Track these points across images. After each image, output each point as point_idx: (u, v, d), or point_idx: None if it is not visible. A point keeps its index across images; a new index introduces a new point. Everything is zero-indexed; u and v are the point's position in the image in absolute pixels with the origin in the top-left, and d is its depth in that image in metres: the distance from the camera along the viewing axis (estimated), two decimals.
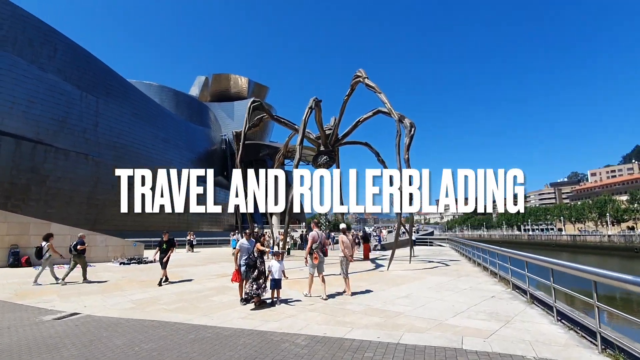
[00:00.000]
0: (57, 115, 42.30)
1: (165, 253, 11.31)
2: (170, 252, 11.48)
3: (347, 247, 9.12)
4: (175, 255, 25.44)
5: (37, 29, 43.54)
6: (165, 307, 8.33)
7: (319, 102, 14.48)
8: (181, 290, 10.52)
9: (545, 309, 6.77)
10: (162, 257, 11.25)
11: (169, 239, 11.60)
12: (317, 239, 9.18)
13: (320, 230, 10.06)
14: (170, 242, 11.59)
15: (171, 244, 11.60)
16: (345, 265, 9.15)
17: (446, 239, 39.34)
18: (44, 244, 12.40)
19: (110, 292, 10.55)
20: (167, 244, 11.44)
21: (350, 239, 9.56)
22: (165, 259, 11.28)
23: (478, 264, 14.39)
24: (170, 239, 11.69)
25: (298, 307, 7.51)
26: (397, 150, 14.06)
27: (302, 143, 13.04)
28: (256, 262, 7.87)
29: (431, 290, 9.23)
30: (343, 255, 9.17)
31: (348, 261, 9.14)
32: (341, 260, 9.29)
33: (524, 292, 8.17)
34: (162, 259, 11.25)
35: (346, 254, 9.09)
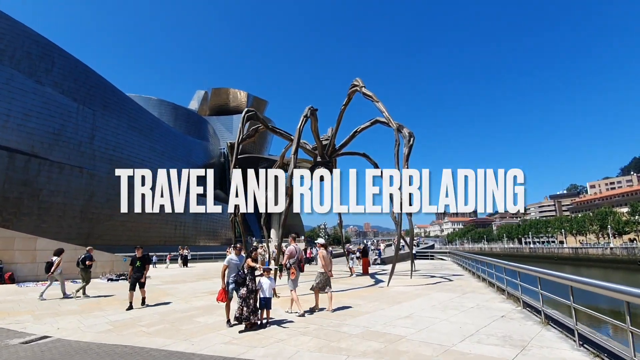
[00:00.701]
0: (53, 128, 41.97)
1: (141, 272, 10.03)
2: (146, 270, 10.21)
3: (327, 262, 8.92)
4: (167, 272, 24.79)
5: (36, 43, 43.75)
6: (144, 329, 7.60)
7: (314, 110, 14.04)
8: (166, 309, 9.78)
9: (564, 331, 6.08)
10: (138, 277, 9.92)
11: (144, 255, 10.32)
12: (295, 253, 8.93)
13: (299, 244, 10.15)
14: (145, 259, 10.31)
15: (146, 261, 10.32)
16: (324, 280, 8.90)
17: (447, 252, 38.49)
18: (55, 258, 12.45)
19: (89, 311, 9.81)
20: (142, 260, 10.11)
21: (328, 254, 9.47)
22: (143, 279, 10.07)
23: (483, 279, 13.65)
24: (145, 255, 10.45)
25: (289, 330, 6.79)
26: (395, 160, 13.54)
27: (297, 153, 12.52)
28: (245, 279, 7.19)
29: (435, 309, 8.51)
30: (323, 270, 8.91)
31: (328, 277, 8.92)
32: (318, 274, 9.03)
33: (537, 311, 7.47)
34: (138, 279, 9.93)
35: (326, 269, 8.87)
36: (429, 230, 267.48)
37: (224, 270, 7.56)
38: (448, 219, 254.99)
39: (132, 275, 9.94)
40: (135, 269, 9.97)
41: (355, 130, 17.59)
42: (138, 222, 52.41)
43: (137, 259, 10.03)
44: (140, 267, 10.01)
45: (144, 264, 10.18)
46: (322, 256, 9.09)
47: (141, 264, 10.05)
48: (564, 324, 6.36)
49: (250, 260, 7.34)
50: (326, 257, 9.03)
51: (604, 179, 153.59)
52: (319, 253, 9.29)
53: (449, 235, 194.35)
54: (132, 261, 10.12)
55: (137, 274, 9.95)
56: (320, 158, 17.40)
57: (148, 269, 10.51)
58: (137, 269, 9.97)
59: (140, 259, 10.08)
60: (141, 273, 10.00)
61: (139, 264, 9.98)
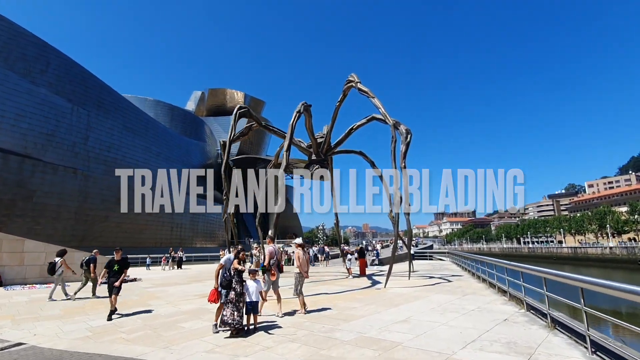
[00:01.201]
0: (46, 129, 41.38)
1: (117, 276, 8.96)
2: (123, 274, 9.10)
3: (302, 263, 8.74)
4: (160, 274, 24.21)
5: (31, 44, 43.21)
6: (124, 336, 7.14)
7: (308, 106, 13.58)
8: (151, 314, 9.31)
9: (573, 336, 5.64)
10: (112, 281, 8.87)
11: (122, 258, 9.33)
12: (274, 254, 8.74)
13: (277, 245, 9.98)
14: (124, 262, 9.24)
15: (125, 265, 9.23)
16: (300, 281, 8.74)
17: (446, 252, 38.07)
18: (58, 259, 12.32)
19: (71, 316, 9.34)
20: (120, 264, 9.12)
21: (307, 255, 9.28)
22: (118, 283, 8.93)
23: (483, 280, 13.21)
24: (124, 258, 9.43)
25: (277, 337, 6.33)
26: (392, 157, 13.09)
27: (289, 150, 12.04)
28: (231, 282, 6.73)
29: (434, 313, 8.05)
30: (299, 271, 8.75)
31: (303, 277, 8.75)
32: (296, 276, 8.85)
33: (542, 314, 7.04)
34: (113, 283, 8.86)
35: (302, 270, 8.67)
36: (428, 231, 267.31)
37: (219, 270, 7.08)
38: (447, 219, 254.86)
39: (110, 279, 8.98)
40: (111, 273, 9.00)
41: (351, 128, 17.15)
42: (134, 223, 51.81)
43: (115, 262, 9.06)
44: (117, 271, 8.98)
45: (122, 269, 9.14)
46: (298, 257, 8.81)
47: (119, 268, 9.04)
48: (572, 329, 5.92)
49: (236, 262, 6.88)
50: (302, 258, 8.77)
51: (602, 179, 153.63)
52: (295, 253, 8.99)
53: (447, 236, 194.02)
54: (108, 264, 9.16)
55: (113, 278, 8.92)
56: (315, 156, 16.95)
57: (126, 274, 9.43)
58: (113, 273, 8.98)
59: (118, 262, 9.12)
60: (116, 278, 8.95)
61: (116, 268, 8.96)
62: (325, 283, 15.64)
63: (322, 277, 18.58)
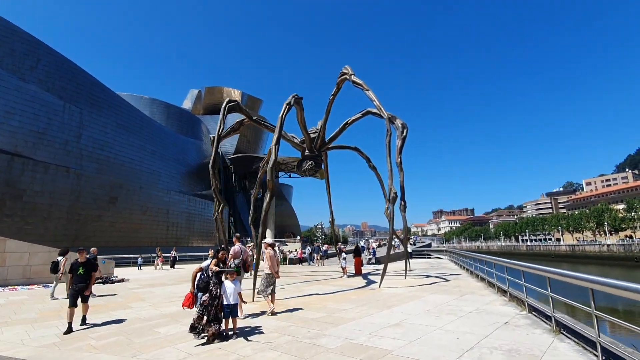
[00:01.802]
0: (37, 126, 40.58)
1: (84, 281, 7.63)
2: (91, 280, 7.85)
3: (273, 263, 8.55)
4: (150, 274, 23.50)
5: (21, 40, 42.35)
6: (93, 342, 6.56)
7: (299, 99, 12.99)
8: (129, 317, 8.72)
9: (581, 342, 5.12)
10: (81, 288, 7.54)
11: (88, 260, 7.93)
12: (240, 254, 8.57)
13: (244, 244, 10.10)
14: (90, 265, 7.82)
15: (91, 268, 7.83)
16: (269, 281, 8.50)
17: (444, 250, 37.61)
18: (61, 258, 12.24)
19: (44, 320, 8.74)
20: (85, 267, 7.68)
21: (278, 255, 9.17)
22: (88, 292, 7.74)
23: (482, 279, 12.70)
24: (90, 259, 8.03)
25: (257, 344, 5.77)
26: (387, 152, 12.54)
27: (278, 143, 11.46)
28: (208, 284, 6.17)
29: (429, 315, 7.52)
30: (269, 271, 8.51)
31: (274, 278, 8.52)
32: (264, 276, 8.63)
33: (545, 316, 6.53)
34: (81, 291, 7.54)
35: (272, 270, 8.46)
36: (426, 229, 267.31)
37: (197, 273, 6.49)
38: (445, 218, 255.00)
39: (72, 286, 7.56)
40: (75, 278, 7.58)
41: (346, 122, 16.59)
42: (128, 222, 51.11)
43: (79, 264, 7.65)
44: (83, 275, 7.64)
45: (89, 272, 7.80)
46: (269, 256, 8.57)
47: (85, 271, 7.66)
48: (579, 333, 5.39)
49: (214, 262, 6.32)
50: (272, 258, 8.56)
51: (600, 176, 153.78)
52: (265, 253, 8.74)
53: (446, 234, 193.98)
54: (71, 268, 7.72)
55: (79, 284, 7.52)
56: (309, 152, 16.37)
57: (94, 279, 8.13)
58: (78, 278, 7.57)
59: (83, 264, 7.71)
60: (85, 283, 7.64)
61: (81, 272, 7.58)
62: (318, 283, 15.12)
63: (317, 276, 18.06)
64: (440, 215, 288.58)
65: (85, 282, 7.66)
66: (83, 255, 7.92)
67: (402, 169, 13.23)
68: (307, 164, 16.13)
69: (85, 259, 7.85)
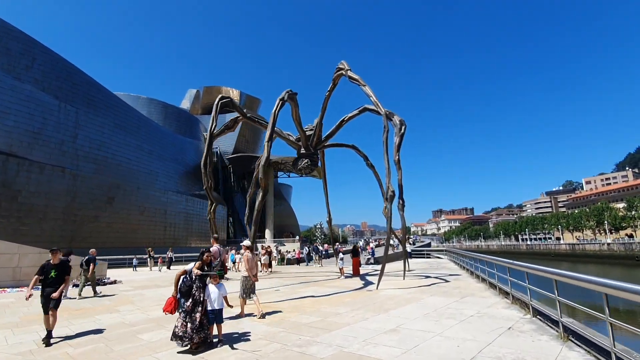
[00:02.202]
0: (32, 126, 40.10)
1: (55, 286, 6.66)
2: (64, 284, 6.80)
3: (251, 266, 8.37)
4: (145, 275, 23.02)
5: (16, 39, 41.85)
6: (71, 350, 6.16)
7: (293, 94, 12.58)
8: (113, 322, 8.33)
9: (592, 350, 4.72)
10: (49, 292, 6.56)
11: (62, 262, 6.95)
12: (217, 256, 8.42)
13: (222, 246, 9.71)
14: (63, 268, 6.89)
15: (65, 270, 6.89)
16: (247, 284, 8.36)
17: (444, 250, 37.21)
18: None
19: (26, 325, 8.35)
20: (58, 269, 6.77)
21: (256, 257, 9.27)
22: (57, 294, 6.60)
23: (483, 280, 12.31)
24: (64, 261, 7.00)
25: (242, 352, 5.36)
26: (384, 149, 12.15)
27: (271, 139, 11.07)
28: (191, 288, 5.76)
29: (428, 319, 7.11)
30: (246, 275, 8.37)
31: (252, 281, 8.37)
32: (242, 279, 8.49)
33: (552, 320, 6.13)
34: (50, 295, 6.54)
35: (250, 273, 8.31)
36: (426, 229, 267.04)
37: (180, 276, 6.04)
38: (445, 217, 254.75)
39: (44, 291, 6.65)
40: (47, 282, 6.65)
41: (342, 119, 16.20)
42: (125, 223, 50.64)
43: (52, 267, 6.73)
44: (55, 279, 6.67)
45: (62, 275, 6.80)
46: (247, 259, 8.35)
47: (57, 274, 6.70)
48: (589, 340, 4.99)
49: (197, 265, 5.91)
50: (250, 260, 8.34)
51: (600, 175, 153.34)
52: (243, 256, 8.55)
53: (446, 233, 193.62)
54: (41, 270, 6.71)
55: (49, 288, 6.59)
56: (305, 150, 15.97)
57: (67, 284, 7.06)
58: (50, 281, 6.64)
59: (56, 267, 6.75)
60: (55, 288, 6.63)
61: (53, 275, 6.65)
62: (315, 284, 14.72)
63: (314, 277, 17.67)
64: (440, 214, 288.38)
65: (56, 287, 6.70)
66: (57, 256, 6.91)
67: (400, 167, 12.82)
68: (303, 162, 15.73)
69: (58, 261, 6.89)
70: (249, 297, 8.24)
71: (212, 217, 13.27)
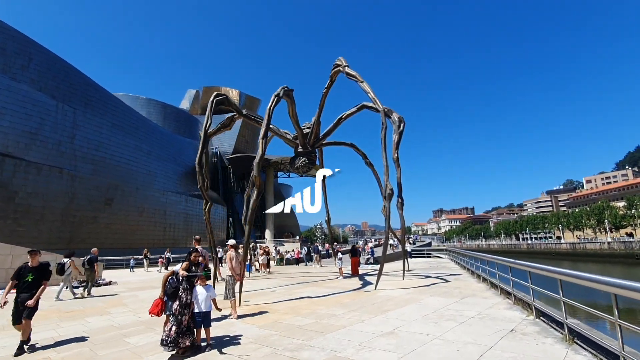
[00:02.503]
0: (29, 127, 39.80)
1: (31, 291, 5.94)
2: (41, 288, 6.06)
3: (235, 266, 8.28)
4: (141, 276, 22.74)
5: (11, 39, 41.56)
6: (54, 355, 5.91)
7: (289, 91, 12.31)
8: (102, 325, 8.08)
9: (600, 354, 4.45)
10: (24, 299, 5.89)
11: (41, 264, 6.24)
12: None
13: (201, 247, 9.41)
14: (42, 271, 6.19)
15: (43, 274, 6.18)
16: (232, 285, 8.25)
17: (445, 249, 36.93)
18: (67, 260, 12.38)
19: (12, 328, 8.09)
20: (36, 273, 6.07)
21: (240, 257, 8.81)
22: (33, 302, 5.89)
23: (484, 279, 12.04)
24: (43, 264, 6.28)
25: (231, 357, 5.10)
26: (382, 146, 11.88)
27: (266, 136, 10.80)
28: (177, 289, 5.50)
29: (427, 322, 6.84)
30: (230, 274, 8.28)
31: (235, 281, 8.29)
32: (227, 279, 8.43)
33: (556, 321, 5.86)
34: (25, 302, 5.86)
35: (234, 273, 8.23)
36: (427, 228, 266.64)
37: (168, 277, 5.77)
38: (445, 217, 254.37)
39: (18, 296, 5.99)
40: (23, 286, 5.96)
41: (340, 117, 15.92)
42: (124, 224, 50.32)
43: (30, 270, 6.04)
44: (31, 283, 5.96)
45: (40, 279, 6.10)
46: (230, 258, 8.18)
47: (34, 278, 6.00)
48: (596, 343, 4.72)
49: (184, 265, 5.64)
50: (234, 260, 8.22)
51: (600, 174, 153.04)
52: (227, 255, 8.40)
53: (446, 233, 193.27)
54: (17, 273, 6.05)
55: (24, 294, 5.91)
56: (302, 148, 15.69)
57: (45, 288, 6.18)
58: (26, 285, 5.96)
59: (34, 270, 6.06)
60: (31, 293, 5.93)
61: (30, 279, 5.95)
62: (313, 284, 14.46)
63: (312, 277, 17.42)
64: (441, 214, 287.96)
65: (33, 292, 5.97)
66: (35, 258, 6.20)
67: (399, 165, 12.56)
68: (300, 160, 15.45)
69: (37, 264, 6.18)
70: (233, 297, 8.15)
71: (208, 217, 13.01)
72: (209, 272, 7.20)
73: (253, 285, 14.43)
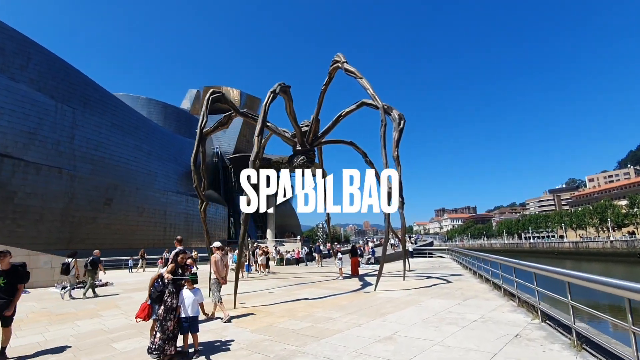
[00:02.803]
0: (28, 127, 39.65)
1: (4, 297, 5.36)
2: (17, 295, 5.59)
3: (220, 268, 8.06)
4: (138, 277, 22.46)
5: (10, 38, 41.44)
6: None
7: (286, 87, 12.02)
8: (92, 328, 7.82)
9: None
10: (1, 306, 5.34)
11: (14, 267, 5.59)
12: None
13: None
14: (15, 274, 5.55)
15: (17, 278, 5.57)
16: (218, 288, 8.09)
17: (446, 249, 36.60)
18: (70, 260, 12.41)
19: None
20: (8, 277, 5.45)
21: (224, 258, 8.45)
22: (10, 312, 5.43)
23: (486, 280, 11.73)
24: (19, 266, 5.68)
25: None
26: (382, 144, 11.59)
27: (261, 134, 10.55)
28: (163, 293, 5.22)
29: (428, 326, 6.55)
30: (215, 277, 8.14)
31: (220, 284, 8.11)
32: (212, 282, 8.26)
33: (563, 326, 5.56)
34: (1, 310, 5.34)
35: (218, 276, 8.05)
36: (428, 228, 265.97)
37: (155, 280, 5.49)
38: (447, 216, 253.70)
39: None
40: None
41: (339, 115, 15.63)
42: (124, 224, 50.14)
43: (0, 273, 5.42)
44: (4, 288, 5.38)
45: (15, 283, 5.52)
46: (214, 261, 7.98)
47: (6, 282, 5.40)
48: (606, 350, 4.42)
49: (169, 267, 5.36)
50: (218, 263, 7.98)
51: (602, 172, 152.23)
52: (212, 257, 8.23)
53: (448, 232, 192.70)
54: None
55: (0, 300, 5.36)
56: (301, 147, 15.41)
57: (21, 293, 5.74)
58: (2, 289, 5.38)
59: (5, 274, 5.43)
60: (5, 299, 5.36)
61: (1, 284, 5.36)
62: (311, 286, 14.18)
63: (311, 278, 17.16)
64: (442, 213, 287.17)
65: (7, 298, 5.38)
66: (6, 260, 5.49)
67: (399, 163, 12.27)
68: (299, 159, 15.17)
69: (8, 266, 5.50)
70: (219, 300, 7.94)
71: (203, 217, 12.76)
72: (195, 275, 6.94)
73: (251, 286, 14.17)
